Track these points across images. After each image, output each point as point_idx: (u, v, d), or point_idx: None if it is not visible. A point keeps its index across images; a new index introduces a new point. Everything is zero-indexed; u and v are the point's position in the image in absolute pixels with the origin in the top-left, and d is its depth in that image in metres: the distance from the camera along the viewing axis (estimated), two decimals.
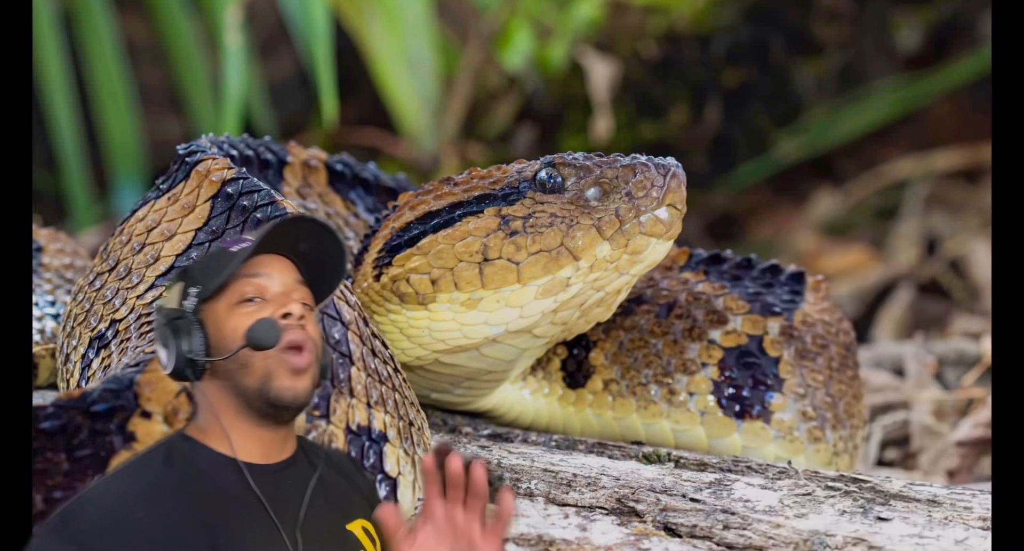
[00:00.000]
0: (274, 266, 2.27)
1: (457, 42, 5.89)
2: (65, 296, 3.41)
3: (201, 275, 2.26)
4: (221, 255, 2.28)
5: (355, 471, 2.39)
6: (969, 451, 3.75)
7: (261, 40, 6.07)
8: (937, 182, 6.20)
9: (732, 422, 3.10)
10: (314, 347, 2.25)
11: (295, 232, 2.27)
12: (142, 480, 2.17)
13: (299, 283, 2.28)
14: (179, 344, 2.23)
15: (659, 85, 5.83)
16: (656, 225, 2.76)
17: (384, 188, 3.35)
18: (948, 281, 5.65)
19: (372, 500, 2.35)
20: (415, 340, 2.92)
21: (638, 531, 2.70)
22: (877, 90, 6.08)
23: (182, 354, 2.22)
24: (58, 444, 2.29)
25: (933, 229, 6.01)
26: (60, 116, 5.77)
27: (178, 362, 2.23)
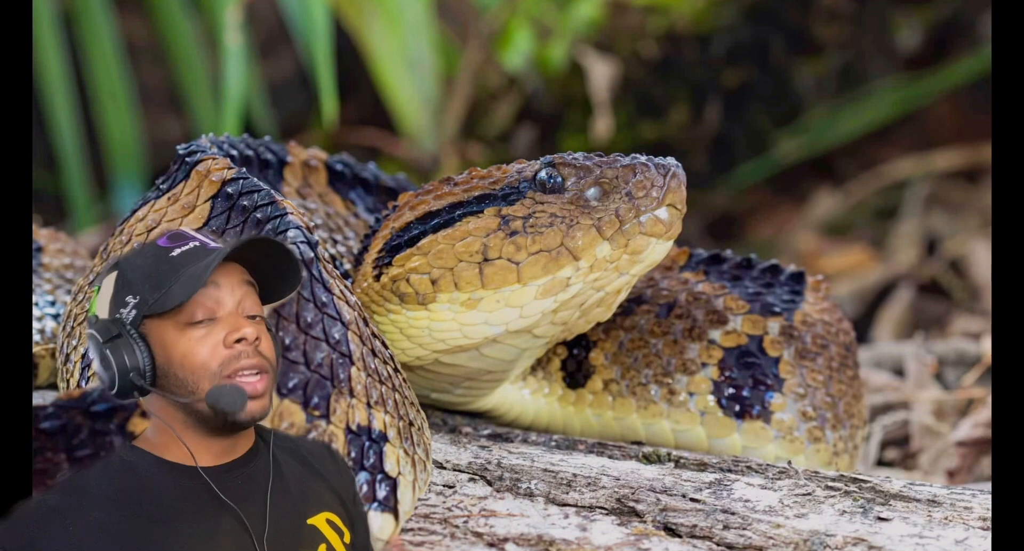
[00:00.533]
0: (221, 272, 2.17)
1: (457, 42, 5.89)
2: (65, 296, 3.41)
3: (139, 281, 2.15)
4: (162, 260, 2.16)
5: (331, 463, 2.34)
6: (969, 451, 3.74)
7: (261, 40, 6.07)
8: (937, 182, 6.20)
9: (732, 422, 3.10)
10: (271, 368, 2.18)
11: (249, 246, 2.18)
12: (76, 489, 2.12)
13: (247, 285, 2.19)
14: (121, 363, 2.14)
15: (659, 85, 5.83)
16: (656, 225, 2.76)
17: (384, 188, 3.35)
18: (948, 281, 5.65)
19: (344, 493, 2.30)
20: (415, 340, 2.92)
21: (638, 531, 2.70)
22: (877, 90, 6.08)
23: (126, 374, 2.14)
24: (58, 444, 2.28)
25: (933, 229, 6.01)
26: (60, 116, 5.77)
27: (123, 382, 2.15)
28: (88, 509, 2.10)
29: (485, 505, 2.76)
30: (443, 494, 2.78)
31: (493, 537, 2.66)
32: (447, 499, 2.77)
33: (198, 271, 2.12)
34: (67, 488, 2.14)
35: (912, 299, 5.56)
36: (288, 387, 2.50)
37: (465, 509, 2.74)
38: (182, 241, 2.20)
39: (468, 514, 2.72)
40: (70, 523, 2.08)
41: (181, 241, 2.20)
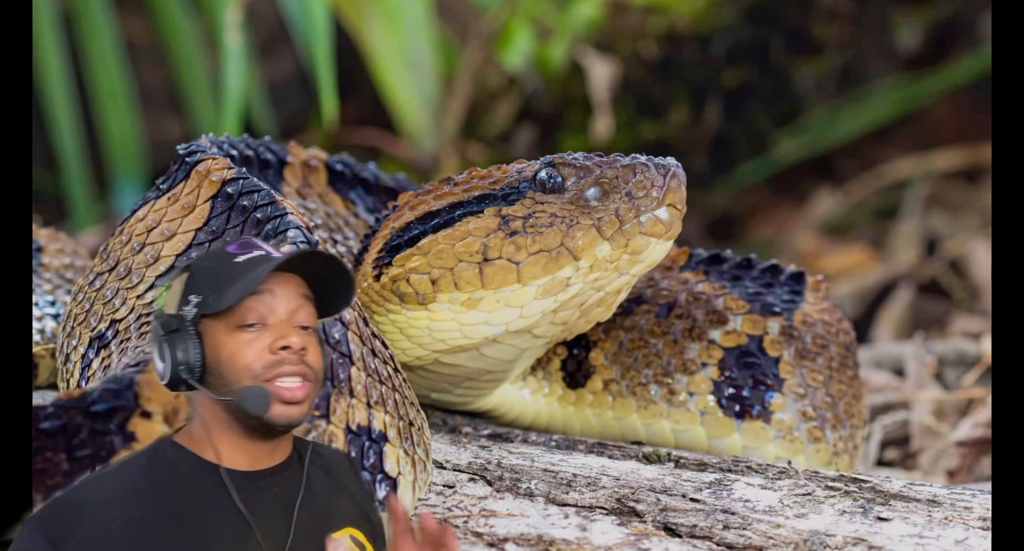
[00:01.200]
0: (279, 281, 2.23)
1: (457, 42, 5.89)
2: (65, 296, 3.41)
3: (204, 283, 2.21)
4: (226, 264, 2.23)
5: (351, 474, 2.37)
6: (969, 451, 3.74)
7: (261, 40, 6.07)
8: (937, 182, 6.20)
9: (732, 422, 3.10)
10: (313, 377, 2.22)
11: (305, 258, 2.24)
12: (121, 485, 2.16)
13: (304, 299, 2.24)
14: (175, 356, 2.20)
15: (659, 85, 5.83)
16: (656, 225, 2.76)
17: (384, 188, 3.35)
18: (948, 281, 5.65)
19: (365, 505, 2.33)
20: (415, 340, 2.92)
21: (638, 531, 2.70)
22: (877, 90, 6.08)
23: (177, 367, 2.20)
24: (58, 444, 2.29)
25: (933, 229, 6.01)
26: (60, 116, 5.77)
27: (174, 374, 2.20)
28: (127, 503, 2.14)
29: (485, 505, 2.76)
30: (443, 494, 2.78)
31: (493, 537, 2.66)
32: (447, 499, 2.77)
33: (253, 277, 2.19)
34: (108, 478, 2.17)
35: (912, 299, 5.56)
36: None
37: (465, 509, 2.74)
38: (248, 249, 2.26)
39: (468, 514, 2.72)
40: (108, 515, 2.12)
41: (247, 249, 2.26)
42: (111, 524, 2.11)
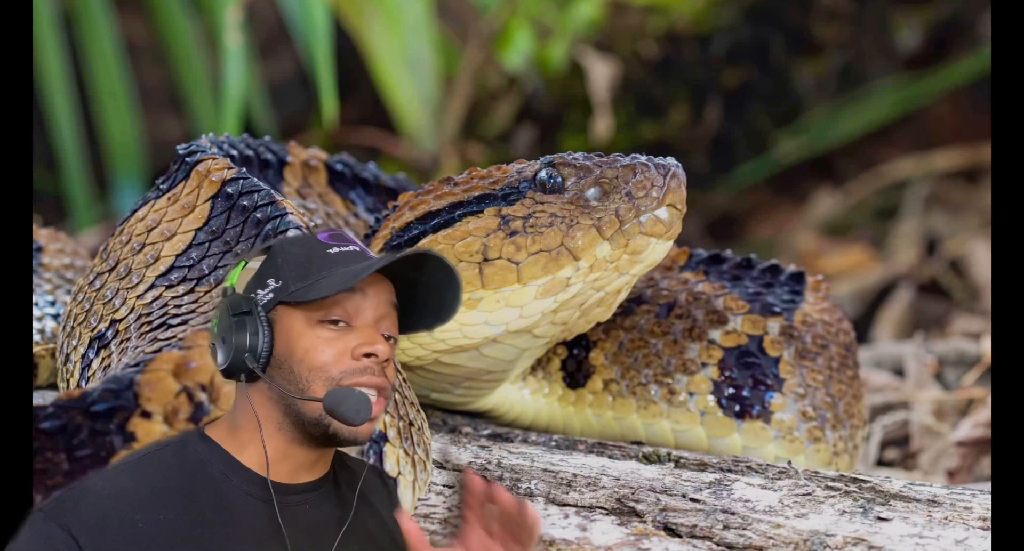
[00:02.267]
0: (373, 284, 2.07)
1: (457, 42, 5.89)
2: (65, 296, 3.41)
3: (288, 268, 2.05)
4: (316, 253, 2.07)
5: (381, 489, 2.23)
6: (969, 451, 3.74)
7: (261, 40, 6.07)
8: (937, 182, 6.20)
9: (732, 422, 3.10)
10: (388, 394, 2.06)
11: (415, 260, 2.07)
12: (147, 478, 2.04)
13: (392, 307, 2.08)
14: (241, 341, 2.03)
15: (659, 85, 5.83)
16: (656, 225, 2.76)
17: (384, 188, 3.35)
18: (948, 281, 5.65)
19: (393, 527, 2.18)
20: (415, 340, 2.92)
21: (638, 531, 2.70)
22: (877, 90, 6.08)
23: (241, 352, 2.04)
24: (58, 444, 2.28)
25: (933, 229, 6.01)
26: (60, 116, 5.77)
27: (236, 359, 2.04)
28: (152, 502, 2.01)
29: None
30: (443, 494, 2.78)
31: None
32: (447, 499, 2.77)
33: (354, 271, 2.03)
34: (131, 472, 2.05)
35: (912, 299, 5.56)
36: None
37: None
38: (343, 242, 2.11)
39: None
40: (129, 513, 2.00)
41: (342, 242, 2.11)
42: (133, 523, 2.00)
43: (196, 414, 2.33)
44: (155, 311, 2.70)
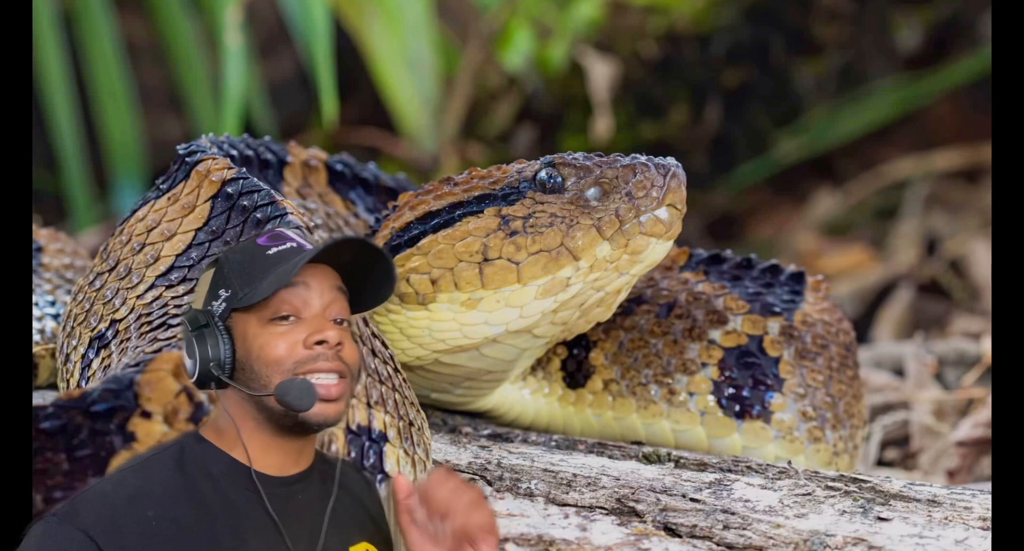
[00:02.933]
0: (313, 273, 2.18)
1: (457, 42, 5.89)
2: (65, 296, 3.41)
3: (234, 276, 2.17)
4: (258, 257, 2.18)
5: (368, 492, 2.34)
6: (969, 451, 3.74)
7: (261, 40, 6.07)
8: (937, 182, 6.20)
9: (732, 422, 3.10)
10: (350, 374, 2.17)
11: (341, 247, 2.18)
12: (154, 480, 2.13)
13: (338, 291, 2.20)
14: (204, 353, 2.16)
15: (659, 85, 5.83)
16: (656, 225, 2.76)
17: (384, 188, 3.35)
18: (948, 281, 5.65)
19: (381, 524, 2.30)
20: (415, 340, 2.92)
21: (638, 531, 2.70)
22: (877, 90, 6.08)
23: (207, 363, 2.16)
24: (58, 444, 2.28)
25: (933, 229, 6.01)
26: (60, 116, 5.77)
27: (202, 371, 2.17)
28: (163, 501, 2.10)
29: None
30: None
31: None
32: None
33: (287, 268, 2.14)
34: (137, 475, 2.13)
35: (912, 299, 5.56)
36: None
37: None
38: (280, 241, 2.22)
39: None
40: (144, 513, 2.09)
41: (279, 241, 2.22)
42: (147, 521, 2.08)
43: (196, 414, 2.33)
44: (155, 311, 2.70)
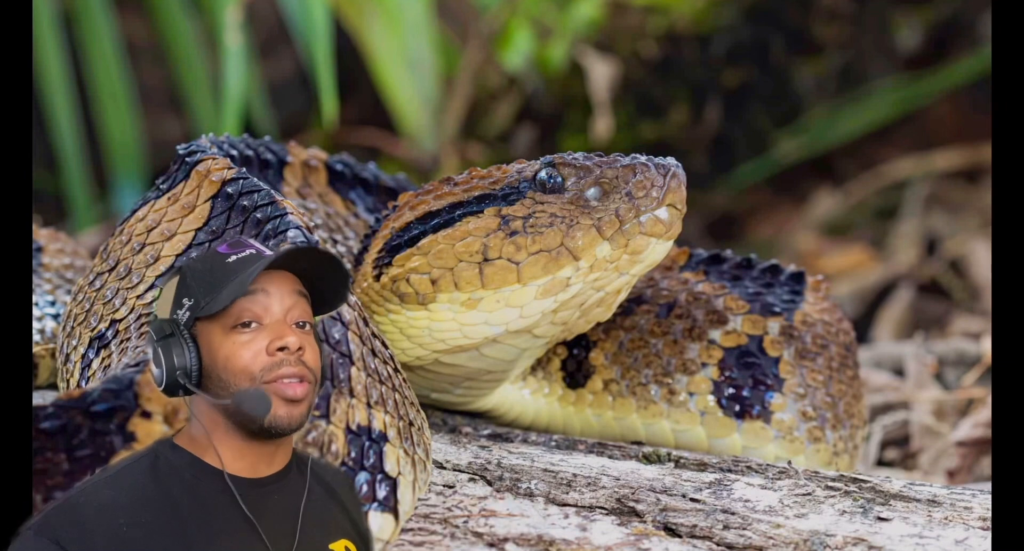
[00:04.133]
0: (272, 280, 2.20)
1: (457, 42, 5.89)
2: (65, 296, 3.41)
3: (196, 285, 2.19)
4: (218, 265, 2.21)
5: (347, 488, 2.36)
6: (969, 451, 3.75)
7: (261, 40, 6.07)
8: (937, 182, 6.20)
9: (732, 422, 3.10)
10: (312, 377, 2.20)
11: (297, 255, 2.22)
12: (127, 488, 2.14)
13: (299, 296, 2.22)
14: (170, 362, 2.18)
15: (659, 85, 5.83)
16: (656, 225, 2.76)
17: (384, 188, 3.35)
18: (948, 281, 5.65)
19: (359, 520, 2.32)
20: (415, 340, 2.92)
21: (638, 531, 2.70)
22: (877, 90, 6.08)
23: (174, 372, 2.18)
24: (58, 444, 2.28)
25: (933, 229, 6.01)
26: (60, 116, 5.77)
27: (170, 380, 2.19)
28: (136, 509, 2.12)
29: (485, 505, 2.76)
30: (443, 494, 2.78)
31: (493, 537, 2.66)
32: (447, 499, 2.77)
33: (244, 278, 2.16)
34: (112, 484, 2.15)
35: (912, 299, 5.56)
36: None
37: (465, 509, 2.74)
38: (239, 249, 2.23)
39: (468, 514, 2.72)
40: (118, 521, 2.10)
41: (239, 248, 2.23)
42: (121, 530, 2.10)
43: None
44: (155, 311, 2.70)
